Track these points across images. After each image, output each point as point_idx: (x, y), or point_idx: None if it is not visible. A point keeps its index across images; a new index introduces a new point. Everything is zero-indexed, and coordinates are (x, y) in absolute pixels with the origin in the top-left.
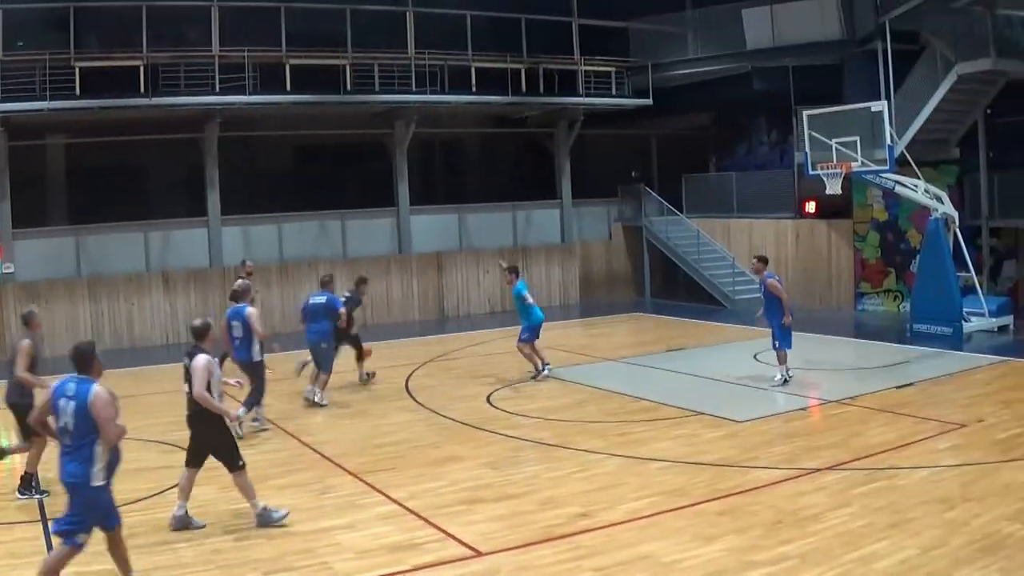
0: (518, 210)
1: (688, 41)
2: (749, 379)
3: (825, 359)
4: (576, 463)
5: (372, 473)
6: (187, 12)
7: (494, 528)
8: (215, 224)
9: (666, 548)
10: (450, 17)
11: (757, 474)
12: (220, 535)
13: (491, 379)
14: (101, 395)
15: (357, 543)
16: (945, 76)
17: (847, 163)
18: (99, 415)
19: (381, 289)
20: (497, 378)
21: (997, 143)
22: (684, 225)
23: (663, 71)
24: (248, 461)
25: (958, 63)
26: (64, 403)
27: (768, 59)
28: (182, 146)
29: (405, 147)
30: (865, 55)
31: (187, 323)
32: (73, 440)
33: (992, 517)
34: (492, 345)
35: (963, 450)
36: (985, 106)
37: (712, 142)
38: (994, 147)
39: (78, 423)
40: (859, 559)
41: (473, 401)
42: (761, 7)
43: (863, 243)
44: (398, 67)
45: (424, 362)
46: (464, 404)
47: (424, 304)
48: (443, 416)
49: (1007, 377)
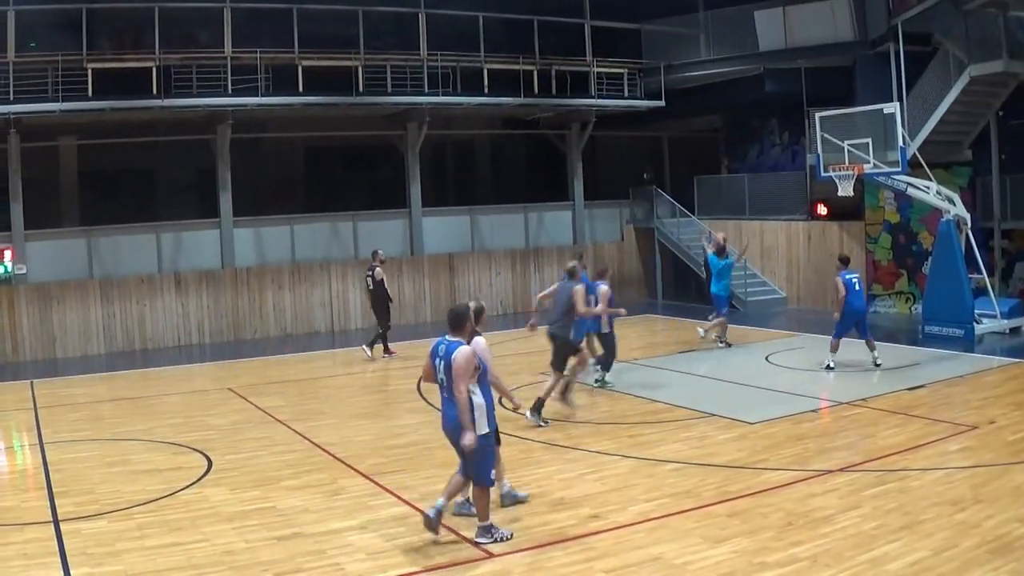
0: (530, 211)
1: (700, 43)
2: (760, 381)
3: (837, 360)
4: (587, 465)
5: (384, 474)
6: (199, 13)
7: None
8: (227, 225)
9: (677, 550)
10: (462, 19)
11: (768, 476)
12: (231, 536)
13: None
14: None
15: (369, 544)
16: (957, 78)
17: (859, 165)
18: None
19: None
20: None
21: (1009, 145)
22: (696, 227)
23: (675, 73)
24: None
25: (970, 65)
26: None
27: (780, 61)
28: (194, 148)
29: (417, 148)
30: (877, 57)
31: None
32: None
33: (1003, 519)
34: (504, 347)
35: (975, 452)
36: (997, 108)
37: (724, 144)
38: (1006, 149)
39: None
40: (870, 561)
41: None
42: (773, 9)
43: (875, 245)
44: (410, 68)
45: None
46: None
47: (436, 305)
48: None
49: (1019, 379)
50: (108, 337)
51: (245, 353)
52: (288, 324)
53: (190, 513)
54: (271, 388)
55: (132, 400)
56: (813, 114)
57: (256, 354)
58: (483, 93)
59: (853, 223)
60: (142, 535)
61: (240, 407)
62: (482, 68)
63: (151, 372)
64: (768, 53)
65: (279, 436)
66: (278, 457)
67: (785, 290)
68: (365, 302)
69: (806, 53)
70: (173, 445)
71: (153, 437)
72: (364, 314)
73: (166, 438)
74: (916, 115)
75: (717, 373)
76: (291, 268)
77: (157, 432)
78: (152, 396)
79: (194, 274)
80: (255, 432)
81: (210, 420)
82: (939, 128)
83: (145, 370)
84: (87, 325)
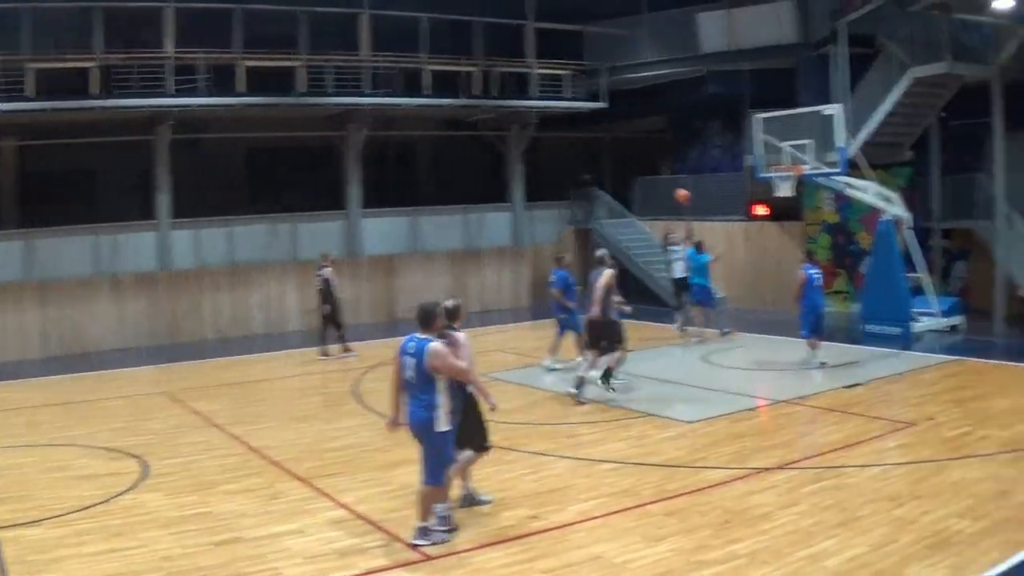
0: (470, 213)
1: (643, 45)
2: (698, 380)
3: (775, 359)
4: (526, 465)
5: (321, 478)
6: (141, 13)
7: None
8: (165, 227)
9: (616, 549)
10: (404, 20)
11: (706, 474)
12: (169, 542)
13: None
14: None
15: (307, 548)
16: (900, 79)
17: (799, 166)
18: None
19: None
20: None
21: (950, 146)
22: (635, 228)
23: (617, 75)
24: (197, 467)
25: (913, 67)
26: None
27: (723, 63)
28: (134, 148)
29: (358, 150)
30: (820, 59)
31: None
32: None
33: (942, 515)
34: None
35: (912, 448)
36: (939, 109)
37: (665, 145)
38: (947, 150)
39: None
40: (809, 557)
41: None
42: (717, 11)
43: (814, 245)
44: (351, 69)
45: (374, 365)
46: None
47: (375, 307)
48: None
49: (957, 376)
50: (44, 341)
51: (183, 356)
52: (225, 327)
53: (128, 519)
54: (209, 392)
55: (70, 405)
56: (754, 115)
57: (194, 357)
58: (424, 94)
59: (793, 223)
60: (80, 542)
61: (178, 411)
62: (424, 69)
63: (89, 376)
64: (711, 55)
65: (217, 440)
66: (216, 461)
67: (723, 290)
68: (317, 303)
69: (749, 55)
70: (111, 450)
71: (91, 442)
72: (304, 316)
73: (104, 443)
74: (858, 116)
75: (655, 373)
76: (229, 270)
77: (95, 437)
78: (90, 401)
79: (132, 276)
80: (193, 436)
81: (148, 425)
82: (881, 129)
83: (83, 374)
84: (24, 328)
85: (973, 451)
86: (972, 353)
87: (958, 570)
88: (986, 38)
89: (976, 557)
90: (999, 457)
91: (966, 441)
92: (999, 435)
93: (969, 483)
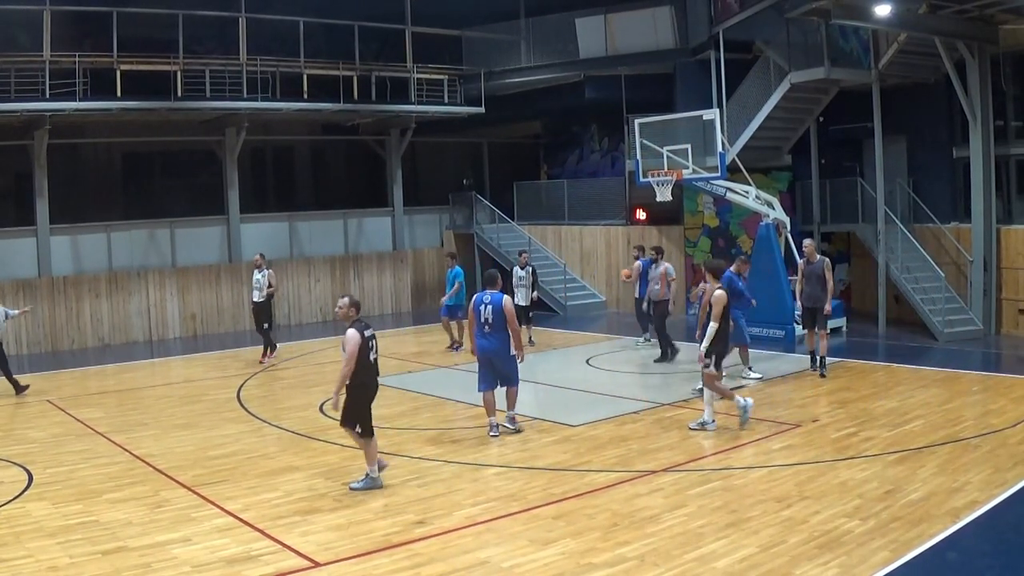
0: (349, 218)
1: (521, 50)
2: (582, 384)
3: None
4: (411, 471)
5: (206, 485)
6: (18, 16)
7: (331, 538)
8: (43, 233)
9: (504, 553)
10: (282, 23)
11: (592, 477)
12: (56, 551)
13: (323, 388)
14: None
15: (194, 556)
16: (778, 85)
17: (678, 170)
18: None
19: (211, 298)
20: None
21: (829, 150)
22: (516, 232)
23: (496, 79)
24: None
25: (791, 72)
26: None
27: (601, 68)
28: (10, 153)
29: (236, 154)
30: (698, 64)
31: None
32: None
33: (830, 515)
34: (323, 355)
35: (798, 450)
36: (818, 114)
37: (544, 150)
38: (826, 154)
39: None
40: (698, 558)
41: (305, 411)
42: (594, 16)
43: (694, 249)
44: (229, 73)
45: (255, 372)
46: (296, 414)
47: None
48: (276, 426)
49: (841, 378)
50: None
51: (63, 364)
52: (105, 334)
53: (13, 529)
54: (91, 399)
55: None
56: (633, 120)
57: (74, 364)
58: (303, 99)
59: (672, 227)
60: None
61: (60, 419)
62: (302, 73)
63: None
64: (589, 60)
65: (100, 448)
66: (100, 470)
67: (604, 294)
68: (266, 306)
69: (627, 60)
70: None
71: None
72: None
73: None
74: (737, 121)
75: (538, 377)
76: (108, 276)
77: None
78: None
79: (10, 283)
80: (76, 445)
81: (30, 433)
82: (759, 134)
83: None
84: None
85: (859, 452)
86: (855, 355)
87: (848, 570)
88: (864, 44)
89: (866, 557)
90: (885, 457)
91: (852, 442)
92: (884, 435)
93: (856, 483)
